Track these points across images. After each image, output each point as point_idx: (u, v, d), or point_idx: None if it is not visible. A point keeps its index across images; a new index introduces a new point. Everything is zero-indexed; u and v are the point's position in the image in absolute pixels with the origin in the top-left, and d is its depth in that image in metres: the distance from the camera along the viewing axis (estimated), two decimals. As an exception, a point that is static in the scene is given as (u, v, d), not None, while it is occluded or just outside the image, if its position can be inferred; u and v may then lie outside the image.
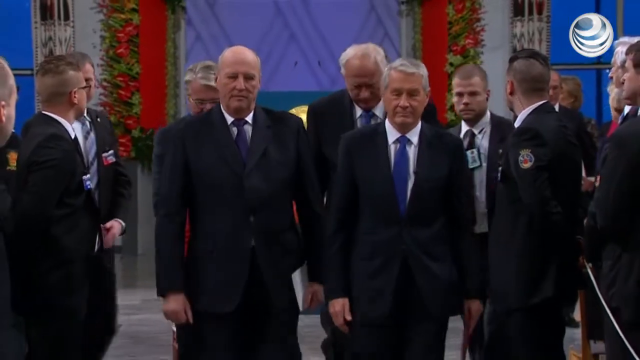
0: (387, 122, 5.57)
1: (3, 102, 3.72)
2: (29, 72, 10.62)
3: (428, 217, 5.50)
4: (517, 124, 6.01)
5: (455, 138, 5.77)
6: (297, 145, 5.54)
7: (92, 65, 6.84)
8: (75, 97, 6.04)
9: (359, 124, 6.23)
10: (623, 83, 6.00)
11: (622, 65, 6.31)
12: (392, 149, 5.53)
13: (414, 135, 5.54)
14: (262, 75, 5.61)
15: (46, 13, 12.44)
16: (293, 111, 6.11)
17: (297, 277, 5.62)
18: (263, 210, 5.40)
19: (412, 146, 5.53)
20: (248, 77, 5.42)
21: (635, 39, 6.41)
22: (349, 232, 5.54)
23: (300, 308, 5.63)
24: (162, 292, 5.46)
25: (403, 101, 5.44)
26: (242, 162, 5.42)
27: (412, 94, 5.46)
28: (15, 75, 3.89)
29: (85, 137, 6.74)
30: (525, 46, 12.18)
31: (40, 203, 5.80)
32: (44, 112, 6.06)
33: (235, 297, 5.36)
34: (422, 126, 5.56)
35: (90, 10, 12.38)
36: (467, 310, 5.66)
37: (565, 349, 6.32)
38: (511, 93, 6.07)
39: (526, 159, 5.71)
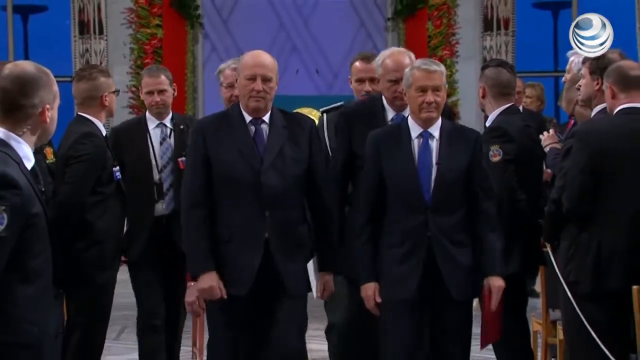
0: (409, 119, 5.30)
1: (48, 106, 3.70)
2: (68, 79, 10.55)
3: (451, 206, 5.21)
4: (487, 123, 6.11)
5: (473, 131, 5.45)
6: (310, 145, 5.23)
7: (167, 77, 6.58)
8: (106, 100, 6.03)
9: None
10: (578, 89, 6.01)
11: (577, 73, 6.30)
12: (416, 143, 5.25)
13: (435, 130, 5.26)
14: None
15: (83, 28, 12.41)
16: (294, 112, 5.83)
17: (311, 268, 5.33)
18: (277, 205, 5.11)
19: (434, 140, 5.25)
20: (266, 79, 5.13)
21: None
22: (378, 222, 5.26)
23: (314, 297, 5.34)
24: (196, 274, 5.17)
25: (429, 97, 5.17)
26: (260, 159, 5.13)
27: (436, 89, 5.20)
28: (56, 82, 3.87)
29: (161, 143, 6.48)
30: (494, 57, 12.16)
31: (76, 192, 5.80)
32: (79, 113, 6.06)
33: (249, 281, 5.06)
34: (442, 121, 5.30)
35: (121, 26, 12.34)
36: (487, 288, 5.26)
37: (528, 316, 6.32)
38: (483, 97, 6.12)
39: (496, 154, 5.79)
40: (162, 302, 6.41)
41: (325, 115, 6.26)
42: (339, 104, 6.35)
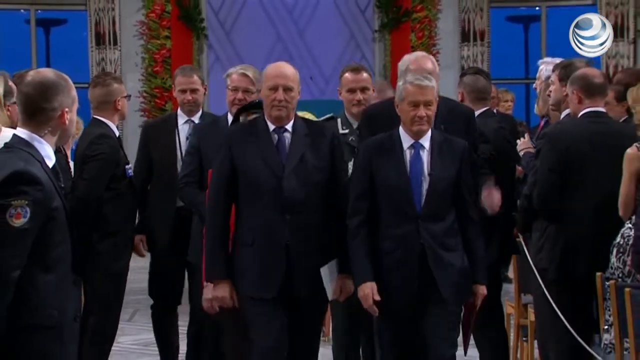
0: (401, 130, 5.01)
1: (67, 109, 3.68)
2: (85, 85, 10.52)
3: (441, 213, 4.94)
4: (465, 126, 6.07)
5: (461, 142, 5.09)
6: (331, 153, 4.96)
7: (200, 78, 6.47)
8: (118, 104, 6.01)
9: None
10: (548, 95, 6.02)
11: (546, 80, 6.31)
12: (408, 154, 4.97)
13: (425, 141, 4.98)
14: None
15: (99, 40, 12.37)
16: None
17: (325, 270, 4.93)
18: (298, 210, 4.84)
19: (425, 151, 4.97)
20: (287, 89, 4.88)
21: (556, 60, 6.43)
22: (369, 225, 4.94)
23: (329, 298, 5.01)
24: (211, 280, 4.96)
25: (421, 112, 4.90)
26: (282, 166, 4.87)
27: (427, 104, 4.92)
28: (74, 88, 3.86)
29: (187, 138, 6.28)
30: (471, 65, 12.15)
31: (92, 187, 5.78)
32: (94, 116, 6.04)
33: (275, 285, 4.82)
34: (432, 132, 5.02)
35: (134, 37, 12.32)
36: (474, 294, 5.03)
37: (502, 301, 6.31)
38: (462, 101, 6.12)
39: None
40: (181, 289, 6.32)
41: None
42: (329, 115, 6.19)
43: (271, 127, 4.93)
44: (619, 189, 5.13)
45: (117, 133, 6.03)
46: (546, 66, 6.52)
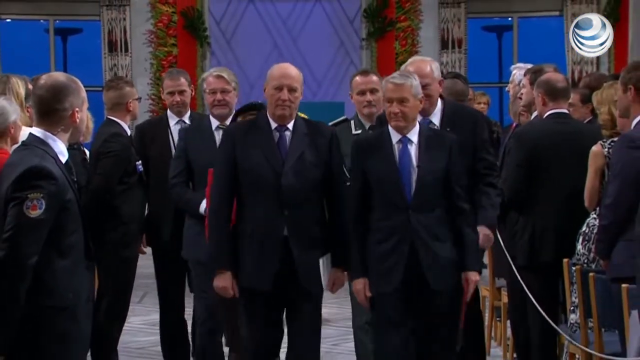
0: (389, 125, 4.78)
1: (77, 109, 3.67)
2: (99, 88, 10.48)
3: (431, 204, 4.70)
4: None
5: (450, 135, 4.87)
6: (329, 151, 4.74)
7: (186, 80, 6.20)
8: (130, 105, 5.98)
9: None
10: (520, 97, 6.04)
11: (519, 84, 6.32)
12: (396, 148, 4.73)
13: (413, 135, 4.73)
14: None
15: (112, 47, 12.34)
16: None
17: (322, 264, 4.76)
18: (296, 205, 4.63)
19: (413, 145, 4.73)
20: (291, 90, 4.66)
21: (528, 65, 6.44)
22: (365, 222, 4.76)
23: (324, 289, 4.82)
24: (214, 270, 4.74)
25: (394, 108, 4.68)
26: (281, 162, 4.65)
27: (401, 101, 4.68)
28: (88, 91, 3.84)
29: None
30: (450, 70, 12.13)
31: (105, 182, 5.76)
32: (108, 116, 6.02)
33: (270, 277, 4.60)
34: (420, 127, 4.78)
35: (143, 45, 12.29)
36: (465, 280, 4.75)
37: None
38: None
39: None
40: (184, 283, 6.10)
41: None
42: (343, 118, 6.05)
43: (273, 125, 4.72)
44: (581, 182, 5.13)
45: (128, 132, 6.01)
46: (519, 71, 6.53)
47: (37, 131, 3.65)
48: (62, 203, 3.53)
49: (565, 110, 5.58)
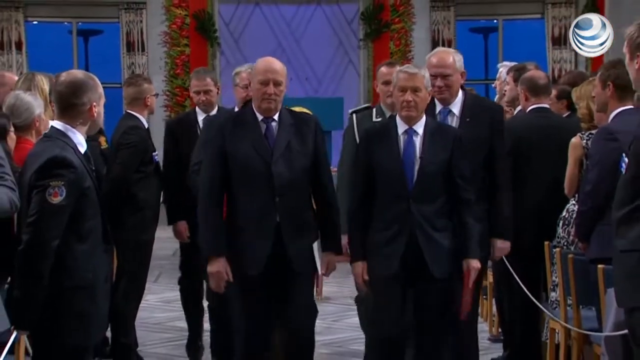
0: (397, 117, 4.55)
1: (94, 103, 3.67)
2: (118, 85, 10.46)
3: (432, 195, 4.44)
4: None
5: (454, 129, 4.66)
6: (314, 139, 4.53)
7: (212, 79, 6.02)
8: (148, 101, 5.94)
9: (438, 118, 4.82)
10: (504, 94, 6.05)
11: (504, 81, 6.32)
12: (402, 139, 4.48)
13: (419, 127, 4.49)
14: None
15: (130, 47, 12.31)
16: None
17: (316, 248, 4.55)
18: (286, 192, 4.42)
19: (418, 136, 4.48)
20: (276, 83, 4.44)
21: (512, 63, 6.43)
22: (367, 208, 4.53)
23: (319, 272, 4.64)
24: (207, 256, 4.50)
25: (407, 96, 4.43)
26: (270, 152, 4.44)
27: (415, 90, 4.44)
28: (108, 87, 3.82)
29: None
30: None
31: (124, 171, 5.73)
32: (127, 110, 6.00)
33: (260, 263, 4.39)
34: (426, 119, 4.53)
35: (158, 45, 12.26)
36: (466, 268, 4.46)
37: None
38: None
39: None
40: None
41: (355, 115, 5.46)
42: (366, 105, 5.83)
43: (259, 117, 4.49)
44: (562, 172, 5.11)
45: (146, 125, 5.97)
46: (505, 69, 6.51)
47: (58, 124, 3.65)
48: (81, 190, 3.52)
49: (546, 105, 5.61)
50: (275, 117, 4.51)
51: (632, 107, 4.57)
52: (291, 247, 4.43)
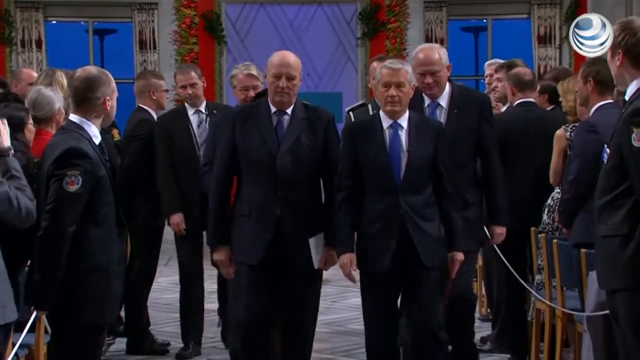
0: (381, 112, 4.33)
1: (108, 97, 3.66)
2: (131, 80, 10.41)
3: (419, 187, 4.25)
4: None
5: (437, 122, 4.47)
6: (325, 134, 4.31)
7: (196, 73, 5.82)
8: (154, 95, 5.92)
9: (427, 112, 4.63)
10: (494, 89, 6.07)
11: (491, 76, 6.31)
12: (387, 133, 4.28)
13: (403, 121, 4.28)
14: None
15: (142, 45, 12.21)
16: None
17: (313, 241, 4.31)
18: (289, 186, 4.22)
19: (403, 130, 4.28)
20: (290, 78, 4.23)
21: (500, 61, 6.42)
22: (354, 200, 4.28)
23: (315, 267, 4.35)
24: (213, 246, 4.38)
25: (391, 92, 4.22)
26: (277, 146, 4.24)
27: (398, 85, 4.23)
28: (122, 83, 3.81)
29: (198, 125, 5.71)
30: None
31: (134, 161, 5.72)
32: (139, 104, 6.00)
33: (260, 253, 4.23)
34: (409, 113, 4.33)
35: (169, 43, 12.17)
36: (451, 260, 4.31)
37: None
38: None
39: None
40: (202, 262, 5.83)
41: (351, 112, 5.30)
42: (361, 102, 5.68)
43: (273, 109, 4.31)
44: (547, 162, 5.10)
45: (156, 118, 5.95)
46: (492, 66, 6.50)
47: (74, 117, 3.65)
48: (96, 179, 3.51)
49: (532, 100, 5.61)
50: (289, 110, 4.31)
51: (611, 101, 4.56)
52: (290, 239, 4.24)
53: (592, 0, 9.85)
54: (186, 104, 5.87)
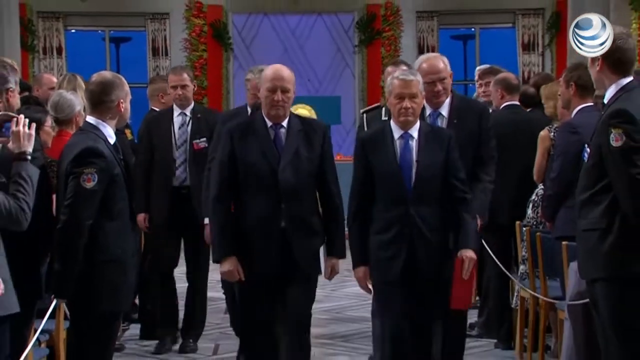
0: (392, 122, 4.10)
1: (122, 100, 3.65)
2: (144, 85, 10.42)
3: (430, 197, 4.01)
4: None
5: (446, 132, 4.20)
6: (322, 146, 4.08)
7: (189, 75, 5.55)
8: (163, 98, 5.92)
9: (428, 121, 4.38)
10: (484, 93, 6.10)
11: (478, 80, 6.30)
12: (398, 143, 4.05)
13: (414, 131, 4.05)
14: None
15: (155, 52, 12.24)
16: (291, 108, 4.42)
17: (322, 252, 4.12)
18: (292, 198, 3.98)
19: (414, 140, 4.04)
20: (284, 91, 4.00)
21: (486, 66, 6.42)
22: (367, 211, 4.08)
23: (324, 276, 4.13)
24: (219, 259, 4.06)
25: (406, 103, 3.99)
26: (278, 159, 4.00)
27: (412, 97, 4.01)
28: (136, 87, 3.79)
29: (180, 127, 5.48)
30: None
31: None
32: (151, 107, 6.01)
33: (267, 264, 4.00)
34: (420, 123, 4.10)
35: (180, 50, 12.19)
36: (462, 258, 3.99)
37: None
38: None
39: None
40: (177, 260, 5.62)
41: (365, 115, 5.08)
42: (376, 105, 5.52)
43: (269, 123, 4.06)
44: (531, 160, 5.10)
45: None
46: (480, 72, 6.48)
47: (90, 119, 3.65)
48: (111, 177, 3.51)
49: (517, 102, 5.62)
50: (284, 123, 4.07)
51: (591, 104, 4.55)
52: (297, 250, 4.01)
53: (573, 11, 9.85)
54: (174, 105, 5.56)
